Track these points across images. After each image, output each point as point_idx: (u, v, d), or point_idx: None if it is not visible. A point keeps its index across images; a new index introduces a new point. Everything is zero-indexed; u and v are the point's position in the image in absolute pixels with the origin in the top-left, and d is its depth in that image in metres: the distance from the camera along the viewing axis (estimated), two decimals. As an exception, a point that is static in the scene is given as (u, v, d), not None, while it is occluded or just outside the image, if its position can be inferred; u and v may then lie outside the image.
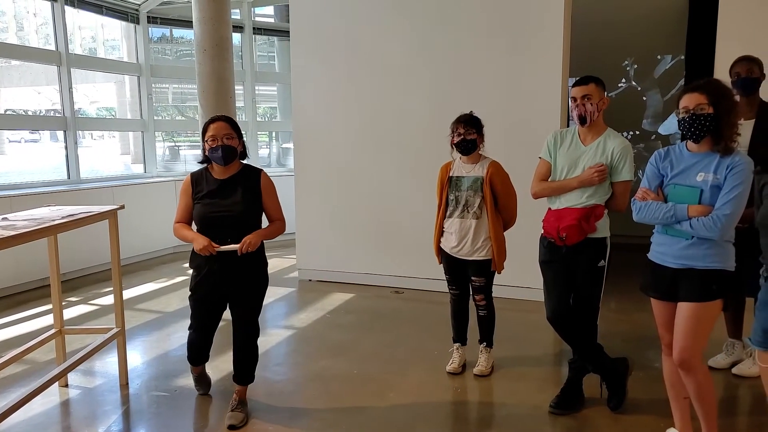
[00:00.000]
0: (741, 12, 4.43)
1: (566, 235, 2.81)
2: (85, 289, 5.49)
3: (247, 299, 2.94)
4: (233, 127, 2.91)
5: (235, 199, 2.85)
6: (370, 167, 5.40)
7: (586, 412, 3.01)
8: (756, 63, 3.25)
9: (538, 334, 4.01)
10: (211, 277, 2.88)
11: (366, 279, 5.48)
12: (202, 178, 2.93)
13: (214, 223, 2.83)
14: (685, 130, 2.32)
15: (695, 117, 2.28)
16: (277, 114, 9.00)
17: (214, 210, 2.83)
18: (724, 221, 2.22)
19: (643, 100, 7.00)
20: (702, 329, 2.36)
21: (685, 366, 2.39)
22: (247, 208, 2.86)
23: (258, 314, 3.01)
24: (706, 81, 2.37)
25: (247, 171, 2.97)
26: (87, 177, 6.58)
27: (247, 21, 7.82)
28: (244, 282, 2.90)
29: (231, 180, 2.90)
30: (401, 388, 3.34)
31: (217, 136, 2.83)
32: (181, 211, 2.95)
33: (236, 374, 3.04)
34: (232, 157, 2.89)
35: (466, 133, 3.27)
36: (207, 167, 2.96)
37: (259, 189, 2.93)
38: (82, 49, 7.70)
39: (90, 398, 3.29)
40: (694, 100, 2.29)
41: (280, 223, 2.99)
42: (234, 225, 2.82)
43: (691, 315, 2.35)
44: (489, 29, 4.86)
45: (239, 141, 2.92)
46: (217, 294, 2.93)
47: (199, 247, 2.77)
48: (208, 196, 2.87)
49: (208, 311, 2.99)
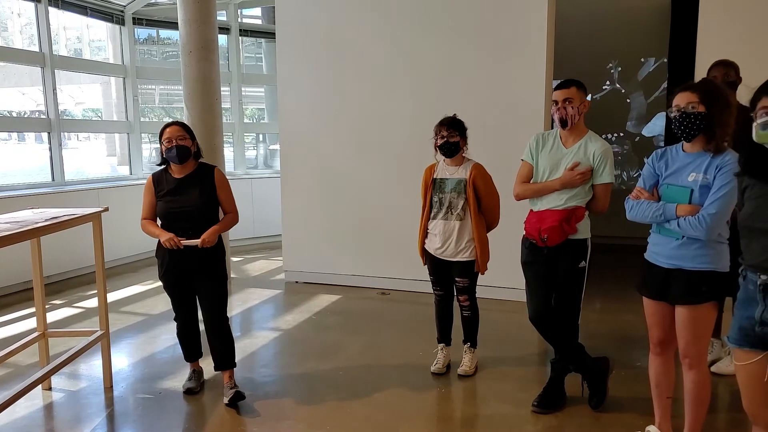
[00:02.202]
0: (720, 16, 4.51)
1: (547, 237, 2.85)
2: (69, 292, 5.45)
3: (209, 287, 3.19)
4: (186, 129, 3.18)
5: (192, 195, 3.14)
6: (356, 169, 5.42)
7: (568, 410, 3.05)
8: (732, 67, 3.32)
9: (521, 334, 4.05)
10: (173, 265, 3.16)
11: (352, 280, 5.50)
12: (162, 178, 3.21)
13: (176, 217, 3.13)
14: (676, 128, 2.34)
15: (686, 115, 2.30)
16: (265, 115, 9.00)
17: (175, 206, 3.13)
18: (709, 221, 2.24)
19: (627, 102, 7.09)
20: (700, 331, 2.38)
21: (687, 362, 2.42)
22: (203, 202, 3.16)
23: (224, 302, 3.25)
24: (701, 81, 2.40)
25: (202, 168, 3.24)
26: (72, 179, 6.54)
27: (234, 23, 7.81)
28: (203, 270, 3.16)
29: (188, 178, 3.18)
30: (386, 388, 3.36)
31: (172, 137, 3.10)
32: (146, 208, 3.23)
33: (215, 361, 3.26)
34: (186, 156, 3.15)
35: (449, 135, 3.31)
36: (166, 168, 3.22)
37: (213, 184, 3.20)
38: (67, 50, 7.65)
39: (74, 401, 3.28)
40: (686, 98, 2.31)
41: (233, 216, 3.28)
42: (193, 218, 3.13)
43: (686, 318, 2.37)
44: (473, 33, 4.90)
45: (192, 142, 3.19)
46: (182, 280, 3.20)
47: (165, 239, 3.07)
48: (168, 194, 3.16)
49: (180, 295, 3.27)
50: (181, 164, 3.15)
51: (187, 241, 3.09)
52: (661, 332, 2.52)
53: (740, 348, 1.95)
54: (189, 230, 3.11)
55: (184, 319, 3.33)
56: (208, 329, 3.23)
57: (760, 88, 1.83)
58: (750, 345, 1.91)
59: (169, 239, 3.06)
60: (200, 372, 3.45)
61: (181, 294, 3.27)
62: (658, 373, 2.60)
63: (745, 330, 1.92)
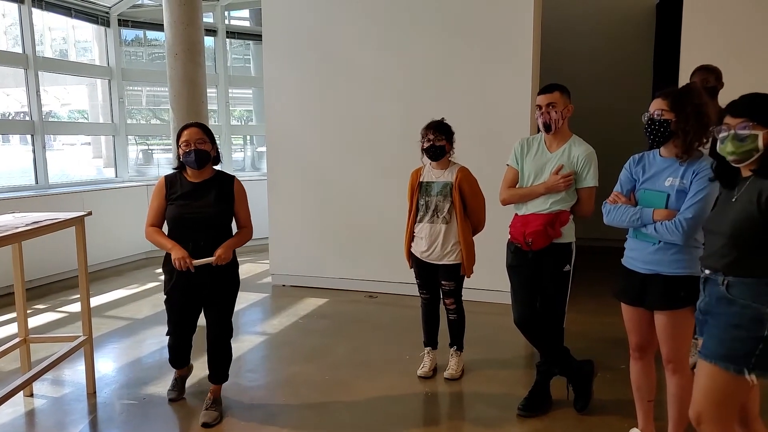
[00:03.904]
0: (704, 22, 4.56)
1: (532, 241, 2.86)
2: (52, 297, 5.39)
3: (220, 301, 3.02)
4: (206, 132, 3.00)
5: (208, 201, 2.94)
6: (342, 172, 5.41)
7: (553, 413, 3.07)
8: (712, 72, 3.35)
9: (507, 337, 4.06)
10: (184, 282, 2.94)
11: (340, 284, 5.49)
12: (176, 180, 3.01)
13: (187, 224, 2.92)
14: (646, 134, 2.39)
15: (652, 122, 2.35)
16: (253, 117, 8.96)
17: (187, 211, 2.92)
18: (686, 225, 2.26)
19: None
20: (679, 335, 2.40)
21: (670, 367, 2.45)
22: (219, 210, 2.95)
23: (231, 315, 3.09)
24: (678, 87, 2.45)
25: (221, 176, 3.08)
26: (56, 182, 6.47)
27: (221, 24, 7.78)
28: (216, 285, 2.97)
29: (205, 183, 2.99)
30: (372, 392, 3.36)
31: (191, 141, 2.92)
32: (153, 212, 3.01)
33: (211, 374, 3.12)
34: (205, 161, 2.97)
35: (435, 139, 3.31)
36: (181, 171, 3.04)
37: (232, 194, 3.03)
38: (52, 51, 7.56)
39: (56, 408, 3.24)
40: (657, 105, 2.35)
41: (248, 230, 3.10)
42: (206, 227, 2.92)
43: (665, 324, 2.39)
44: (460, 37, 4.91)
45: (212, 146, 3.01)
46: (191, 298, 3.00)
47: (178, 256, 2.84)
48: (181, 197, 2.95)
49: (184, 315, 3.06)
50: (200, 170, 2.95)
51: (200, 261, 2.85)
52: (639, 338, 2.54)
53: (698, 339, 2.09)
54: (200, 240, 2.89)
55: (180, 338, 3.11)
56: (211, 341, 3.03)
57: (727, 106, 1.96)
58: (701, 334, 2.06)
59: (181, 259, 2.81)
60: (185, 377, 3.37)
61: (185, 313, 3.04)
62: (639, 377, 2.62)
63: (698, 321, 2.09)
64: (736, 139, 1.89)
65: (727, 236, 1.93)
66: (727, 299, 1.94)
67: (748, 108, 1.90)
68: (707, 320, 2.01)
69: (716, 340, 1.95)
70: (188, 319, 3.08)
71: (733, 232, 1.91)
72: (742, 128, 1.88)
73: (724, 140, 1.93)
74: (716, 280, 1.98)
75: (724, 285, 1.95)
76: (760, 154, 1.87)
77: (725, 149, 1.93)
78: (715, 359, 1.93)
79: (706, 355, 1.96)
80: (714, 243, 2.00)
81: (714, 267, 1.99)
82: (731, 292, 1.93)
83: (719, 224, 1.99)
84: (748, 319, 1.88)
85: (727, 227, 1.93)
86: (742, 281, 1.91)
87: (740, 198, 1.94)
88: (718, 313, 1.97)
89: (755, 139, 1.86)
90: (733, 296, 1.92)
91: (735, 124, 1.90)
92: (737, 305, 1.91)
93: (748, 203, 1.89)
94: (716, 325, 1.96)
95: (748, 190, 1.92)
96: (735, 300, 1.92)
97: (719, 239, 1.96)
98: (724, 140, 1.93)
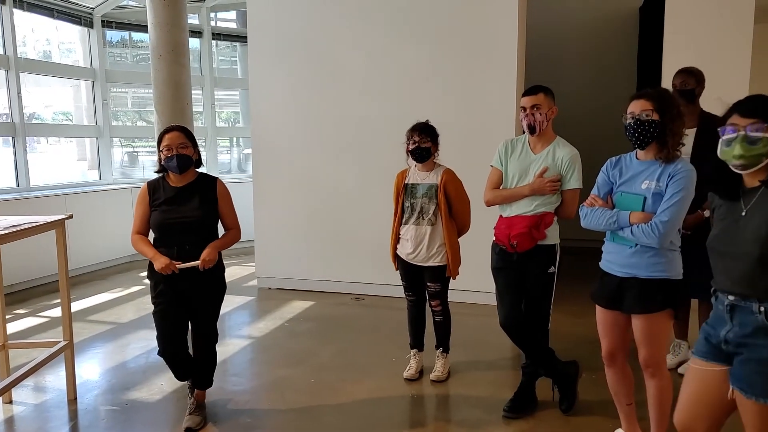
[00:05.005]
0: (685, 26, 4.61)
1: (517, 243, 2.87)
2: (34, 301, 5.31)
3: (205, 306, 2.98)
4: (188, 136, 2.96)
5: (192, 205, 2.90)
6: (328, 174, 5.39)
7: (538, 415, 3.07)
8: (692, 75, 3.38)
9: (493, 338, 4.07)
10: (169, 289, 2.89)
11: (326, 286, 5.47)
12: (159, 186, 2.97)
13: (172, 229, 2.88)
14: (630, 135, 2.36)
15: (640, 122, 2.32)
16: (240, 119, 8.91)
17: (172, 216, 2.88)
18: (661, 228, 2.25)
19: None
20: (657, 339, 2.40)
21: (649, 371, 2.45)
22: (204, 213, 2.92)
23: (216, 319, 3.05)
24: (654, 89, 2.42)
25: (204, 179, 3.04)
26: (38, 184, 6.38)
27: (206, 26, 7.73)
28: (202, 290, 2.93)
29: (188, 187, 2.95)
30: (358, 395, 3.34)
31: (172, 145, 2.87)
32: (138, 220, 2.96)
33: (195, 380, 3.08)
34: (187, 166, 2.93)
35: (421, 141, 3.31)
36: (164, 176, 2.99)
37: (215, 196, 2.99)
38: (36, 52, 7.46)
39: (36, 414, 3.18)
40: (640, 106, 2.33)
41: (235, 232, 3.04)
42: (192, 231, 2.88)
43: (643, 328, 2.39)
44: (446, 39, 4.92)
45: (194, 150, 2.97)
46: (179, 306, 2.92)
47: (160, 267, 2.79)
48: (165, 203, 2.91)
49: (174, 323, 2.94)
50: (181, 174, 2.92)
51: (184, 264, 2.81)
52: (610, 342, 2.52)
53: (702, 359, 1.97)
54: (186, 244, 2.85)
55: (171, 353, 2.94)
56: (197, 346, 2.99)
57: (734, 105, 1.82)
58: (714, 359, 1.93)
59: (165, 267, 2.77)
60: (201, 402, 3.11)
61: (173, 321, 2.91)
62: (614, 383, 2.62)
63: (711, 345, 1.94)
64: (746, 141, 1.74)
65: (756, 257, 1.74)
66: (766, 329, 1.75)
67: (761, 108, 1.75)
68: (742, 353, 1.82)
69: (762, 377, 1.75)
70: (177, 328, 2.93)
71: (762, 251, 1.72)
72: (755, 130, 1.73)
73: (730, 142, 1.77)
74: (749, 308, 1.79)
75: (762, 313, 1.76)
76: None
77: (732, 152, 1.77)
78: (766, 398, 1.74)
79: (756, 394, 1.76)
80: (735, 266, 1.81)
81: (745, 293, 1.79)
82: None
83: (736, 244, 1.80)
84: None
85: (754, 247, 1.75)
86: None
87: (754, 212, 1.77)
88: (756, 345, 1.77)
89: (767, 143, 1.72)
90: None
91: (745, 124, 1.75)
92: None
93: None
94: (757, 360, 1.77)
95: (762, 203, 1.76)
96: None
97: (743, 261, 1.78)
98: (731, 142, 1.76)
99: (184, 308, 2.94)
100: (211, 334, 3.03)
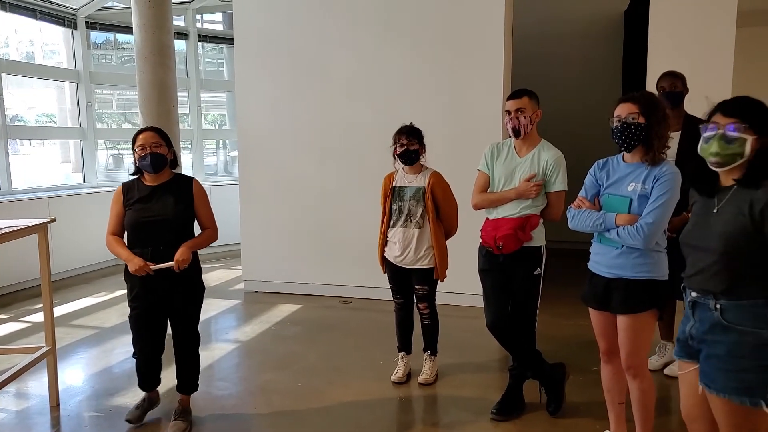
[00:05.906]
0: (669, 30, 4.65)
1: (503, 245, 2.87)
2: (16, 306, 5.23)
3: (185, 309, 2.95)
4: (162, 136, 2.95)
5: (166, 203, 2.88)
6: (315, 176, 5.37)
7: (526, 417, 3.07)
8: (679, 78, 3.42)
9: (481, 341, 4.06)
10: (145, 292, 2.86)
11: (313, 289, 5.44)
12: (133, 186, 2.95)
13: (146, 227, 2.85)
14: (617, 138, 2.38)
15: (626, 125, 2.33)
16: (227, 121, 8.86)
17: (146, 215, 2.85)
18: (646, 230, 2.28)
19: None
20: (640, 339, 2.42)
21: (631, 372, 2.46)
22: (178, 212, 2.89)
23: (197, 322, 3.02)
24: (639, 93, 2.45)
25: (179, 179, 3.02)
26: (21, 187, 6.29)
27: (192, 28, 7.68)
28: (180, 292, 2.90)
29: (162, 186, 2.93)
30: (345, 399, 3.33)
31: (146, 145, 2.86)
32: (113, 221, 2.94)
33: (180, 384, 3.06)
34: (162, 165, 2.91)
35: (409, 143, 3.31)
36: (139, 177, 2.98)
37: (191, 195, 2.96)
38: (19, 54, 7.36)
39: (17, 421, 3.13)
40: (627, 109, 2.35)
41: (211, 231, 3.01)
42: (166, 230, 2.85)
43: (626, 327, 2.41)
44: (433, 41, 4.93)
45: (168, 149, 2.95)
46: (155, 310, 2.91)
47: (134, 269, 2.77)
48: (139, 201, 2.88)
49: (150, 327, 2.94)
50: (156, 173, 2.89)
51: (159, 266, 2.78)
52: (606, 342, 2.55)
53: (680, 359, 2.02)
54: (161, 245, 2.81)
55: (147, 357, 2.98)
56: (178, 350, 2.97)
57: (718, 104, 1.85)
58: (687, 356, 1.98)
59: (139, 269, 2.75)
60: (154, 402, 3.13)
61: (149, 325, 2.91)
62: (609, 380, 2.64)
63: (681, 342, 1.99)
64: (723, 139, 1.79)
65: (719, 253, 1.78)
66: (722, 326, 1.79)
67: (742, 109, 1.80)
68: (702, 348, 1.87)
69: (722, 373, 1.79)
70: (154, 332, 2.95)
71: (726, 249, 1.77)
72: (732, 129, 1.78)
73: (709, 140, 1.82)
74: (707, 305, 1.84)
75: (717, 310, 1.81)
76: (744, 160, 1.78)
77: (709, 149, 1.82)
78: (727, 393, 1.78)
79: (717, 390, 1.80)
80: (700, 261, 1.85)
81: (704, 289, 1.84)
82: (726, 318, 1.79)
83: (704, 239, 1.84)
84: (750, 347, 1.75)
85: (718, 243, 1.79)
86: (738, 304, 1.77)
87: (724, 209, 1.82)
88: (715, 342, 1.82)
89: (743, 143, 1.77)
90: (729, 322, 1.78)
91: (725, 123, 1.79)
92: (734, 332, 1.77)
93: (738, 215, 1.77)
94: (716, 356, 1.81)
95: (733, 201, 1.80)
96: (731, 327, 1.78)
97: (707, 256, 1.82)
98: (710, 140, 1.81)
99: (161, 311, 2.92)
100: (193, 338, 3.00)
